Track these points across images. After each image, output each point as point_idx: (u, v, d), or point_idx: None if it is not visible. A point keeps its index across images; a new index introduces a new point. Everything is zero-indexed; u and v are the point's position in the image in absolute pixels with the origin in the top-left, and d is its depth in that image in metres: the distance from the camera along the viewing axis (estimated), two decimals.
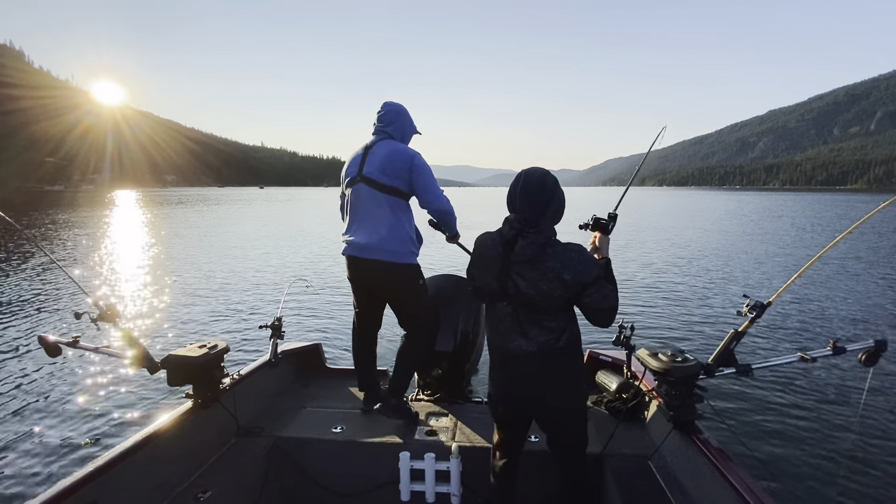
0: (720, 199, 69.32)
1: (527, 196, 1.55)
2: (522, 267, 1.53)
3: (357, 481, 2.19)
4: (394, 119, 2.37)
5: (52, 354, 1.93)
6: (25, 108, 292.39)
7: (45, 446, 3.48)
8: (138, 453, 1.79)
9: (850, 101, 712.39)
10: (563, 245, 1.54)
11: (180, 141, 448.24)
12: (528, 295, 1.53)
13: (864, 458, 3.01)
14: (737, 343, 1.93)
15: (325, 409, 2.59)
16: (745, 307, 1.91)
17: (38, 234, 19.04)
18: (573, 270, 1.48)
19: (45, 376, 4.81)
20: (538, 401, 1.65)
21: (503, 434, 1.82)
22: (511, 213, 1.61)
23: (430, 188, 2.27)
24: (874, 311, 5.96)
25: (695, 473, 1.81)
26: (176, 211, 35.74)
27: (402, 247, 2.27)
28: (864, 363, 1.78)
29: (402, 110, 2.40)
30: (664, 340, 5.36)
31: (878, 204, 2.04)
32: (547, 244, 1.52)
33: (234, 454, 2.16)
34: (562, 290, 1.50)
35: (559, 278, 1.49)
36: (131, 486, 1.75)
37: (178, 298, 8.59)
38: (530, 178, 1.57)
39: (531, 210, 1.54)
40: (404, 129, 2.41)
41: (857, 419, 3.42)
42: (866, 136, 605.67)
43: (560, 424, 1.71)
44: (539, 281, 1.51)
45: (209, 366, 2.14)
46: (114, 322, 1.98)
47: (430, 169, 2.31)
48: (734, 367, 1.92)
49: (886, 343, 1.76)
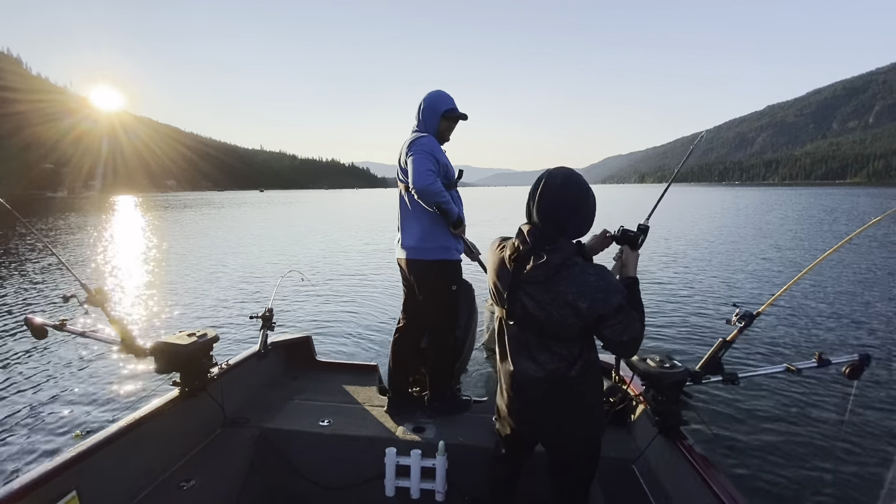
0: (719, 195, 69.26)
1: (545, 208, 1.34)
2: (534, 288, 1.34)
3: (342, 475, 2.18)
4: (419, 111, 2.33)
5: (39, 336, 1.93)
6: (22, 111, 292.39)
7: (25, 430, 3.47)
8: (122, 440, 1.78)
9: (849, 96, 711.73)
10: (582, 267, 1.32)
11: (179, 146, 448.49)
12: (537, 318, 1.35)
13: (846, 469, 3.03)
14: (725, 351, 1.95)
15: (314, 401, 2.58)
16: (735, 316, 1.94)
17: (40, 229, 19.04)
18: (590, 299, 1.28)
19: (30, 359, 4.82)
20: (544, 429, 1.52)
21: (505, 449, 1.74)
22: (528, 223, 1.42)
23: (413, 168, 2.12)
24: (861, 324, 5.99)
25: (678, 479, 1.80)
26: (177, 214, 35.71)
27: (419, 243, 2.28)
28: (849, 376, 1.80)
29: (425, 98, 2.33)
30: (653, 346, 5.38)
31: (876, 198, 2.04)
32: (563, 265, 1.31)
33: (219, 444, 2.16)
34: (575, 318, 1.31)
35: (573, 306, 1.29)
36: (113, 474, 1.74)
37: (169, 287, 8.62)
38: (551, 186, 1.34)
39: (550, 225, 1.35)
40: (426, 118, 2.31)
41: (840, 431, 3.44)
42: (865, 129, 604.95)
43: (566, 457, 1.55)
44: (550, 306, 1.32)
45: (197, 354, 2.14)
46: (102, 307, 1.97)
47: (427, 149, 2.18)
48: (721, 374, 1.94)
49: (870, 357, 1.79)
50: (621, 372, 2.31)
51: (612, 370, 2.38)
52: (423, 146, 2.17)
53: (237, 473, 2.06)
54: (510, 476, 1.79)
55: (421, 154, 2.14)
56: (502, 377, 1.56)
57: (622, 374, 2.31)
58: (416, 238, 2.28)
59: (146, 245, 15.24)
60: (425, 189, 2.10)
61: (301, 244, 15.39)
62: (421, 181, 2.09)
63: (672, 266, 10.18)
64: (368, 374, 2.98)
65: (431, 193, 2.11)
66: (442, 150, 2.28)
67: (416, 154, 2.15)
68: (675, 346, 5.41)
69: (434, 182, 2.11)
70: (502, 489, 1.80)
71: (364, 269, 10.49)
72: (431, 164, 2.14)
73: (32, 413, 3.72)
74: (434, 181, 2.11)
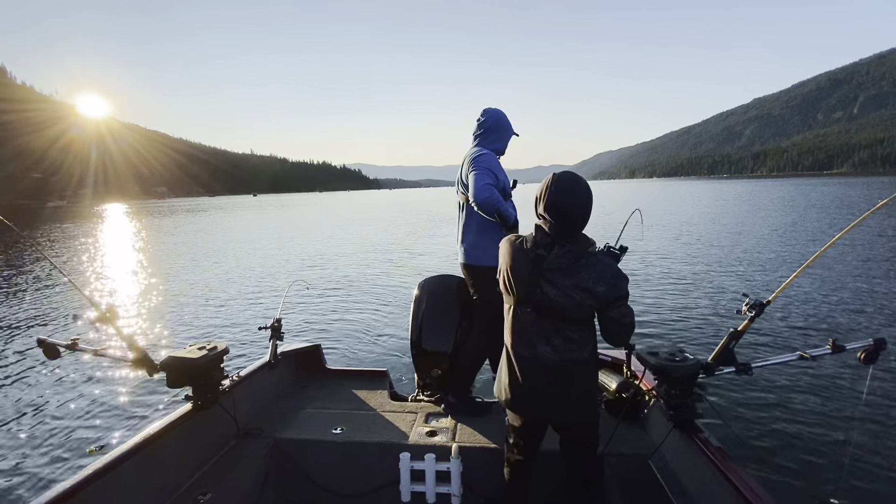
0: (710, 189, 69.84)
1: (559, 208, 1.53)
2: (555, 275, 1.53)
3: (357, 482, 2.18)
4: (484, 126, 2.53)
5: (51, 357, 1.92)
6: (8, 121, 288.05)
7: (42, 449, 3.46)
8: (137, 455, 1.78)
9: (833, 87, 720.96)
10: (598, 257, 1.55)
11: (169, 151, 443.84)
12: (556, 303, 1.53)
13: (864, 456, 3.00)
14: (736, 342, 1.94)
15: (325, 409, 2.58)
16: (745, 306, 1.93)
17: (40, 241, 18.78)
18: (607, 283, 1.50)
19: (43, 379, 4.79)
20: (557, 409, 1.65)
21: (517, 438, 1.82)
22: (540, 220, 1.60)
23: (474, 183, 2.33)
24: (873, 308, 5.95)
25: (695, 473, 1.80)
26: (174, 221, 35.39)
27: (473, 249, 2.50)
28: (864, 361, 1.78)
29: (495, 116, 2.54)
30: (664, 339, 5.35)
31: (864, 187, 2.06)
32: (582, 255, 1.53)
33: (233, 456, 2.15)
34: (592, 301, 1.51)
35: (591, 290, 1.49)
36: (130, 489, 1.74)
37: (177, 300, 8.57)
38: (563, 189, 1.53)
39: (565, 222, 1.54)
40: (495, 136, 2.53)
41: (857, 417, 3.41)
42: (849, 120, 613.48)
43: (576, 431, 1.74)
44: (571, 290, 1.51)
45: (208, 367, 2.13)
46: (113, 324, 1.97)
47: (488, 163, 2.38)
48: (734, 365, 1.93)
49: (886, 342, 1.78)
50: (633, 367, 2.27)
51: (624, 365, 2.37)
52: (483, 162, 2.38)
53: (252, 485, 2.05)
54: (525, 465, 1.84)
55: (481, 170, 2.35)
56: (515, 363, 1.67)
57: (634, 369, 2.27)
58: (470, 244, 2.51)
59: (149, 256, 15.09)
60: (485, 202, 2.31)
61: (303, 251, 15.31)
62: (481, 195, 2.30)
63: (679, 259, 10.19)
64: (378, 379, 2.98)
65: (490, 205, 2.32)
66: (500, 166, 2.49)
67: (477, 170, 2.35)
68: (686, 338, 5.39)
69: (492, 195, 2.31)
70: (519, 480, 1.84)
71: (368, 275, 10.47)
72: (490, 179, 2.34)
73: (47, 432, 3.70)
74: (492, 194, 2.31)
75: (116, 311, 2.00)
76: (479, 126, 2.53)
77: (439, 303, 2.66)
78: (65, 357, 4.88)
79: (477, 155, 2.40)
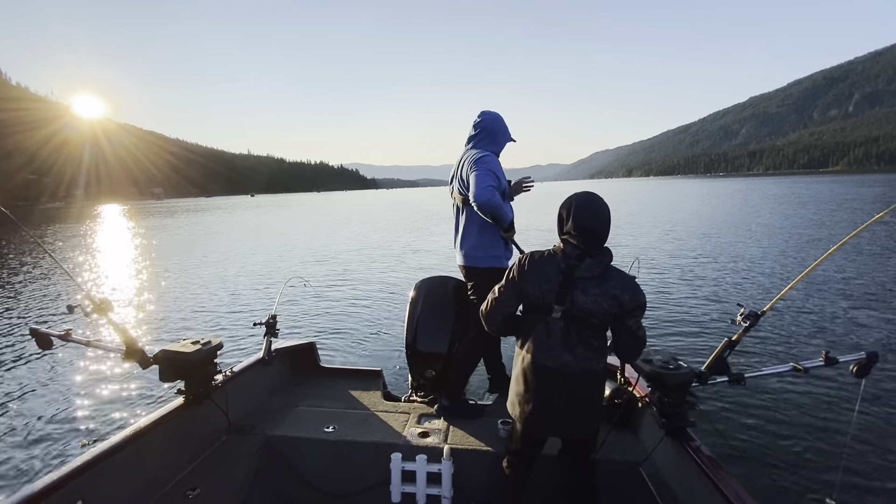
0: (707, 187, 69.99)
1: (587, 225, 1.65)
2: (588, 283, 1.63)
3: (348, 481, 2.18)
4: (481, 129, 2.54)
5: (44, 347, 1.93)
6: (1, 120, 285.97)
7: (31, 440, 3.44)
8: (127, 449, 1.78)
9: (828, 85, 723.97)
10: (620, 269, 1.69)
11: (164, 153, 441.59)
12: (586, 309, 1.62)
13: (856, 469, 2.99)
14: (730, 351, 1.95)
15: (318, 408, 2.57)
16: (740, 316, 1.94)
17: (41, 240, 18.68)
18: (630, 293, 1.62)
19: (35, 369, 4.78)
20: (574, 423, 1.70)
21: (522, 447, 1.83)
22: (569, 235, 1.70)
23: (475, 183, 2.35)
24: (867, 321, 5.94)
25: (686, 481, 1.81)
26: (170, 221, 35.25)
27: (472, 251, 2.52)
28: (856, 374, 1.79)
29: (492, 119, 2.55)
30: (658, 347, 5.32)
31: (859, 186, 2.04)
32: (610, 266, 1.67)
33: (224, 451, 2.15)
34: (617, 308, 1.62)
35: (617, 298, 1.61)
36: (119, 483, 1.73)
37: (172, 295, 8.56)
38: (588, 209, 1.66)
39: (590, 237, 1.65)
40: (492, 138, 2.54)
41: (849, 430, 3.40)
42: (845, 118, 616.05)
43: (581, 440, 1.79)
44: (601, 298, 1.61)
45: (202, 362, 2.13)
46: (106, 316, 1.96)
47: (490, 164, 2.40)
48: (727, 375, 1.93)
49: (878, 355, 1.78)
50: (627, 374, 2.29)
51: (618, 372, 2.37)
52: (485, 164, 2.41)
53: (243, 481, 2.05)
54: (526, 472, 1.85)
55: (484, 172, 2.38)
56: (533, 374, 1.69)
57: (627, 375, 2.28)
58: (470, 246, 2.53)
59: (146, 253, 15.04)
60: (486, 203, 2.33)
61: (300, 249, 15.27)
62: (482, 196, 2.32)
63: (674, 266, 10.09)
64: (372, 379, 2.97)
65: (491, 206, 2.34)
66: (501, 169, 2.51)
67: (480, 171, 2.38)
68: (680, 347, 5.38)
69: (493, 196, 2.33)
70: (516, 486, 1.85)
71: (365, 274, 10.44)
72: (492, 181, 2.36)
73: (38, 423, 3.69)
74: (493, 195, 2.33)
75: (111, 303, 2.00)
76: (475, 127, 2.53)
77: (435, 304, 2.66)
78: (57, 348, 4.88)
79: (480, 156, 2.42)
